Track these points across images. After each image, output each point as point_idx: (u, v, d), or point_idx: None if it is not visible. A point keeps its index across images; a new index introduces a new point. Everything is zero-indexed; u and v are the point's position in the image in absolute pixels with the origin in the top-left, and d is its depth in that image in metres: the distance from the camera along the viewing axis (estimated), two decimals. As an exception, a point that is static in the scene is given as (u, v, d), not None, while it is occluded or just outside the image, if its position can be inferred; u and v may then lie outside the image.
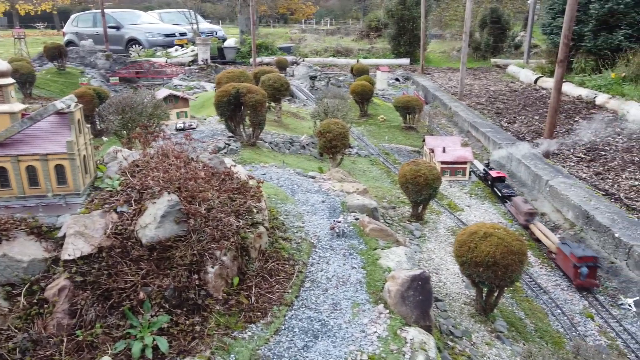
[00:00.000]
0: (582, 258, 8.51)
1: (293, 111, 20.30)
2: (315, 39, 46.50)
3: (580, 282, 8.53)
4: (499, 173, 13.10)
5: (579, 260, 8.50)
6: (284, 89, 16.41)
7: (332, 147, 11.53)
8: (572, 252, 8.65)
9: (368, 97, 19.54)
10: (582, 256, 8.53)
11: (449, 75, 33.23)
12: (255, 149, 12.19)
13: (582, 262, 8.49)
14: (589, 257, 8.56)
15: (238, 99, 11.69)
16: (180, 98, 13.87)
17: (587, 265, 8.47)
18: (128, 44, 42.80)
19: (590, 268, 8.49)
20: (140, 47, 42.42)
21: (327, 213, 8.56)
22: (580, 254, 8.56)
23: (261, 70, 17.99)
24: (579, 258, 8.51)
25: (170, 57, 39.17)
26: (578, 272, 8.51)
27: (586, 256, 8.55)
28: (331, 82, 28.51)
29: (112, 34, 42.69)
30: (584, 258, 8.51)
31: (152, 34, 42.46)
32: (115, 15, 43.57)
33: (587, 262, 8.50)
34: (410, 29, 37.59)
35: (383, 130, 18.58)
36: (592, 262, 8.54)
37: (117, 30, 42.74)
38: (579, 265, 8.49)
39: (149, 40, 42.26)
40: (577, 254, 8.56)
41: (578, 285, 8.61)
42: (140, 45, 42.41)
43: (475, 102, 23.94)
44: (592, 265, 8.52)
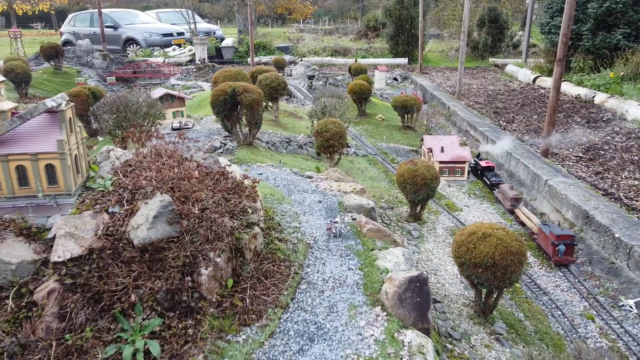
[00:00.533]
0: (560, 236, 9.19)
1: (290, 111, 20.17)
2: (313, 38, 46.40)
3: (558, 258, 9.21)
4: (488, 163, 13.66)
5: (557, 238, 9.18)
6: (281, 88, 16.29)
7: (330, 147, 11.41)
8: (551, 231, 9.34)
9: (366, 97, 19.44)
10: (560, 235, 9.20)
11: (447, 75, 33.15)
12: (252, 148, 12.07)
13: (559, 240, 9.16)
14: (566, 235, 9.23)
15: (234, 98, 11.57)
16: (176, 97, 13.73)
17: (564, 243, 9.15)
18: (125, 43, 42.65)
19: (567, 246, 9.16)
20: (137, 46, 42.27)
21: (323, 213, 8.45)
22: (558, 233, 9.23)
23: (258, 70, 17.87)
24: (557, 236, 9.19)
25: (168, 57, 39.02)
26: (556, 249, 9.18)
27: (563, 234, 9.22)
28: (329, 81, 28.39)
29: (109, 34, 42.55)
30: (562, 236, 9.19)
31: (149, 33, 42.32)
32: (112, 15, 43.41)
33: (564, 240, 9.17)
34: (408, 28, 37.50)
35: (381, 129, 18.47)
36: (569, 240, 9.19)
37: (115, 30, 42.58)
38: (557, 243, 9.16)
39: (146, 40, 42.12)
40: (555, 233, 9.24)
41: (556, 261, 9.26)
42: (137, 45, 42.27)
43: (473, 101, 23.84)
44: (569, 243, 9.17)
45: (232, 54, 39.37)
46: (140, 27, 42.71)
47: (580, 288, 8.40)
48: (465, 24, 23.73)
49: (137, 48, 42.04)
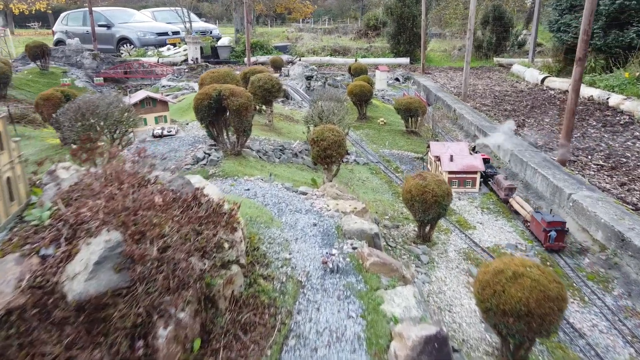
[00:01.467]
0: (551, 223, 9.41)
1: (286, 114, 18.90)
2: (312, 38, 45.09)
3: (549, 244, 9.48)
4: (484, 156, 13.63)
5: (549, 225, 9.41)
6: (275, 90, 15.02)
7: (327, 157, 10.13)
8: (543, 218, 9.59)
9: (367, 99, 18.16)
10: (551, 221, 9.42)
11: (450, 75, 31.87)
12: (240, 158, 10.79)
13: (551, 227, 9.39)
14: (558, 222, 9.42)
15: (220, 102, 10.29)
16: (158, 101, 12.45)
17: (555, 229, 9.38)
18: (119, 43, 41.38)
19: (558, 232, 9.38)
20: (131, 46, 41.00)
21: (319, 240, 7.19)
22: (550, 220, 9.46)
23: (251, 70, 16.59)
24: (548, 223, 9.41)
25: (162, 57, 37.75)
26: (548, 235, 9.43)
27: (555, 221, 9.43)
28: (328, 82, 27.11)
29: (102, 33, 41.29)
30: (553, 223, 9.41)
31: (143, 32, 41.07)
32: (106, 14, 42.13)
33: (555, 226, 9.39)
34: (410, 27, 36.21)
35: (383, 134, 17.20)
36: (560, 227, 9.40)
37: (108, 29, 41.31)
38: (548, 230, 9.41)
39: (140, 39, 40.86)
40: (547, 220, 9.48)
41: (547, 247, 9.52)
42: (131, 44, 41.01)
43: (480, 103, 22.57)
44: (560, 229, 9.39)
45: (229, 53, 38.09)
46: (134, 26, 41.45)
47: (622, 328, 7.12)
48: (472, 21, 22.46)
49: (130, 47, 40.76)
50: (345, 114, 12.80)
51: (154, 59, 37.40)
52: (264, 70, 16.75)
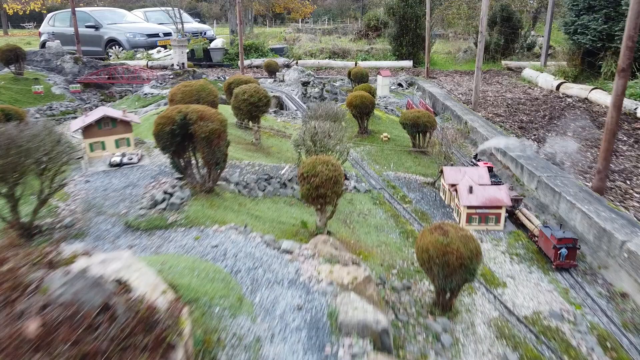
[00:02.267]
0: (562, 240, 8.72)
1: (278, 127, 16.76)
2: (310, 39, 42.92)
3: (560, 262, 8.78)
4: (486, 164, 12.82)
5: (559, 241, 8.72)
6: (262, 105, 12.90)
7: (319, 197, 8.01)
8: (553, 234, 8.86)
9: (368, 112, 16.01)
10: (562, 238, 8.73)
11: (457, 80, 29.70)
12: (213, 197, 8.65)
13: (561, 244, 8.71)
14: (569, 238, 8.75)
15: (186, 128, 8.17)
16: (119, 121, 10.30)
17: (566, 246, 8.71)
18: (107, 45, 39.25)
19: (569, 249, 8.73)
20: (120, 48, 38.87)
21: (304, 337, 5.09)
22: (560, 236, 8.75)
23: (236, 80, 14.45)
24: (558, 240, 8.72)
25: (152, 60, 35.65)
26: (558, 253, 8.74)
27: (566, 238, 8.74)
28: (326, 88, 24.97)
29: (90, 34, 39.14)
30: (564, 240, 8.72)
31: (133, 34, 38.95)
32: (94, 14, 39.97)
33: (566, 243, 8.72)
34: (413, 28, 34.06)
35: (387, 152, 15.06)
36: (572, 244, 8.74)
37: (96, 30, 39.16)
38: (558, 247, 8.72)
39: (129, 41, 38.73)
40: (557, 236, 8.76)
41: (557, 265, 8.82)
42: (120, 46, 38.88)
43: (492, 113, 20.42)
44: (571, 246, 8.73)
45: (222, 56, 35.94)
46: (123, 27, 39.30)
47: None
48: (483, 23, 20.28)
49: (119, 50, 38.62)
50: (343, 136, 10.65)
51: (143, 62, 35.28)
52: (250, 80, 14.62)
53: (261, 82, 27.66)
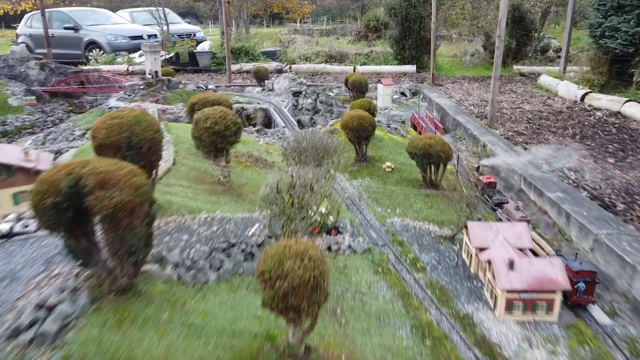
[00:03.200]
0: (579, 273, 7.44)
1: (259, 152, 13.71)
2: (305, 41, 39.81)
3: (577, 298, 7.46)
4: (489, 178, 11.74)
5: (576, 275, 7.42)
6: (231, 134, 9.85)
7: (290, 308, 4.99)
8: (568, 266, 7.55)
9: (367, 135, 12.94)
10: (580, 270, 7.45)
11: (466, 88, 26.61)
12: (129, 301, 5.59)
13: (579, 277, 7.40)
14: (587, 271, 7.46)
15: (80, 199, 5.13)
16: (15, 169, 7.27)
17: (584, 280, 7.40)
18: (87, 47, 36.19)
19: (587, 283, 7.42)
20: (101, 51, 35.83)
21: None
22: (578, 268, 7.47)
23: (202, 100, 11.37)
24: (575, 273, 7.43)
25: (133, 64, 32.60)
26: (575, 287, 7.39)
27: (584, 270, 7.46)
28: (320, 99, 21.92)
29: (69, 37, 36.04)
30: (582, 272, 7.44)
31: (114, 36, 35.89)
32: (73, 15, 36.84)
33: (584, 277, 7.42)
34: (416, 30, 30.97)
35: (391, 188, 12.00)
36: (590, 277, 7.45)
37: (75, 31, 36.05)
38: (575, 281, 7.39)
39: (110, 44, 35.66)
40: (574, 268, 7.47)
41: (574, 302, 7.49)
42: (100, 49, 35.83)
43: (512, 130, 17.39)
44: (589, 280, 7.43)
45: (209, 60, 32.88)
46: (105, 29, 36.22)
47: None
48: (502, 25, 17.22)
49: (99, 53, 35.57)
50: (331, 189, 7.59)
51: (123, 66, 32.24)
52: (221, 99, 11.53)
53: (248, 91, 24.61)
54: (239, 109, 20.35)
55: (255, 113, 20.52)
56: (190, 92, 20.42)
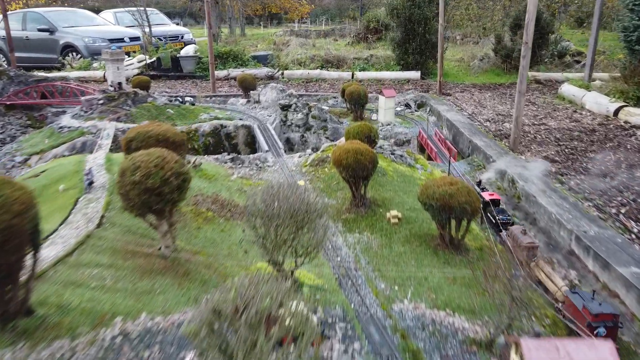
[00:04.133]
0: (599, 316, 6.26)
1: (229, 194, 10.68)
2: (301, 44, 36.74)
3: None
4: (493, 195, 10.29)
5: (595, 318, 6.28)
6: (171, 191, 6.81)
7: None
8: (586, 306, 6.42)
9: (367, 174, 9.89)
10: (599, 313, 6.25)
11: (477, 98, 23.54)
12: None
13: (598, 321, 6.25)
14: (608, 314, 6.29)
15: None
16: None
17: (605, 324, 6.24)
18: (64, 51, 33.14)
19: (608, 328, 6.24)
20: (78, 55, 32.80)
21: None
22: (597, 311, 6.29)
23: (142, 134, 8.30)
24: (594, 316, 6.28)
25: (110, 70, 29.42)
26: (594, 332, 6.21)
27: (604, 313, 6.27)
28: (312, 113, 18.88)
29: (43, 39, 32.96)
30: (602, 316, 6.26)
31: (92, 39, 32.78)
32: (49, 15, 33.76)
33: (605, 320, 6.26)
34: (421, 32, 27.90)
35: (398, 248, 8.96)
36: (612, 321, 6.30)
37: (51, 34, 32.97)
38: (595, 326, 6.26)
39: (88, 47, 32.55)
40: (592, 311, 6.31)
41: None
42: (78, 53, 32.80)
43: (540, 155, 14.35)
44: (611, 325, 6.27)
45: (194, 65, 29.82)
46: (82, 31, 33.14)
47: None
48: (529, 30, 14.17)
49: (76, 57, 32.54)
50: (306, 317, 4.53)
51: (99, 72, 29.18)
52: (168, 134, 8.48)
53: (231, 102, 21.55)
54: (217, 126, 17.32)
55: (237, 131, 17.49)
56: (160, 107, 17.39)
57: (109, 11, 43.61)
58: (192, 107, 19.00)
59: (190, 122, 17.22)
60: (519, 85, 14.75)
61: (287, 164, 13.61)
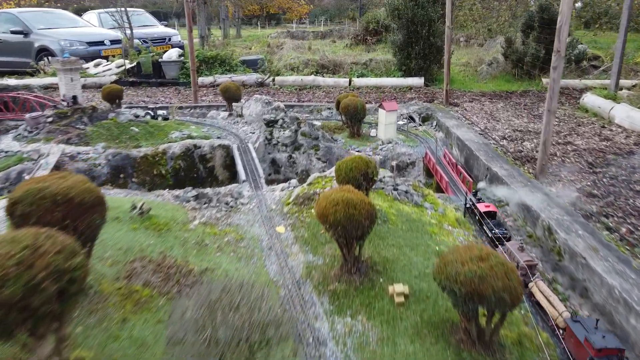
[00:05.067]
0: (602, 351, 5.59)
1: (183, 250, 8.08)
2: (295, 46, 34.13)
3: None
4: (489, 206, 9.84)
5: (598, 353, 5.62)
6: (43, 304, 4.20)
7: None
8: (588, 339, 5.76)
9: (361, 234, 7.28)
10: (603, 348, 5.59)
11: (488, 109, 20.93)
12: None
13: (602, 356, 5.58)
14: (613, 349, 5.60)
15: None
16: None
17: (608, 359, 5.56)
18: (39, 55, 30.54)
19: None
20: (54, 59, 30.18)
21: None
22: (601, 345, 5.62)
23: (32, 192, 5.62)
24: (597, 351, 5.62)
25: (86, 76, 26.95)
26: None
27: (609, 349, 5.58)
28: (302, 130, 16.29)
29: (17, 42, 30.35)
30: (605, 351, 5.58)
31: (70, 42, 30.14)
32: (23, 16, 31.14)
33: (608, 355, 5.58)
34: (425, 35, 25.29)
35: (404, 347, 6.36)
36: (617, 357, 5.60)
37: (25, 36, 30.37)
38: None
39: (65, 51, 29.95)
40: (595, 344, 5.65)
41: None
42: (54, 56, 30.17)
43: (573, 186, 11.75)
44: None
45: (178, 71, 27.22)
46: (58, 33, 30.53)
47: None
48: (563, 35, 11.60)
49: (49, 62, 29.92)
50: None
51: (73, 79, 26.47)
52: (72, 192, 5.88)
53: (212, 116, 18.95)
54: (190, 147, 14.74)
55: (213, 152, 14.91)
56: (123, 125, 14.81)
57: (93, 12, 40.98)
58: (165, 122, 16.42)
59: (158, 142, 14.64)
60: (549, 102, 12.18)
61: (267, 199, 11.02)
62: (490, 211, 9.77)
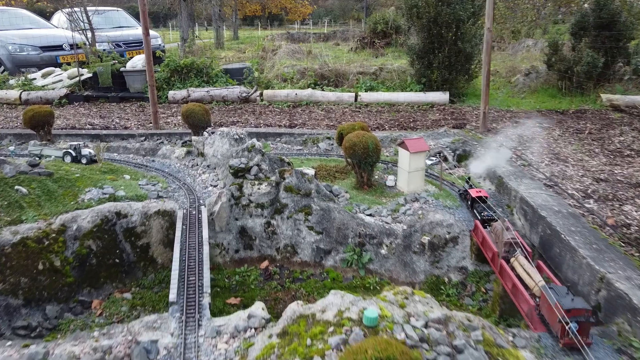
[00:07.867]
0: (571, 311, 5.74)
1: None
2: (291, 52, 28.63)
3: (568, 341, 5.79)
4: (480, 192, 9.93)
5: (568, 313, 5.77)
6: None
7: None
8: (558, 302, 5.88)
9: None
10: (572, 309, 5.74)
11: (543, 139, 15.33)
12: None
13: (572, 317, 5.75)
14: (580, 310, 5.75)
15: None
16: None
17: (577, 319, 5.74)
18: (-15, 62, 25.32)
19: (581, 323, 5.76)
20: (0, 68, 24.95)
21: None
22: (569, 306, 5.79)
23: None
24: (567, 311, 5.76)
25: (32, 89, 21.62)
26: (565, 330, 5.78)
27: (577, 309, 5.75)
28: (286, 181, 10.75)
29: (-41, 47, 25.28)
30: (575, 311, 5.73)
31: (19, 46, 24.82)
32: (-32, 17, 25.99)
33: (577, 315, 5.74)
34: (451, 39, 19.76)
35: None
36: (584, 316, 5.75)
37: (-31, 40, 25.24)
38: (567, 321, 5.82)
39: (13, 57, 24.65)
40: (564, 306, 5.81)
41: (565, 344, 5.81)
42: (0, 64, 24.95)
43: None
44: (583, 320, 5.75)
45: (144, 83, 21.84)
46: (6, 36, 25.23)
47: None
48: None
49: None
50: None
51: (14, 93, 21.26)
52: None
53: (163, 153, 13.54)
54: (110, 215, 9.31)
55: (148, 223, 9.49)
56: (5, 180, 9.38)
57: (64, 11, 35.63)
58: (81, 170, 11.00)
59: (60, 209, 9.22)
60: None
61: None
62: (481, 196, 9.90)
